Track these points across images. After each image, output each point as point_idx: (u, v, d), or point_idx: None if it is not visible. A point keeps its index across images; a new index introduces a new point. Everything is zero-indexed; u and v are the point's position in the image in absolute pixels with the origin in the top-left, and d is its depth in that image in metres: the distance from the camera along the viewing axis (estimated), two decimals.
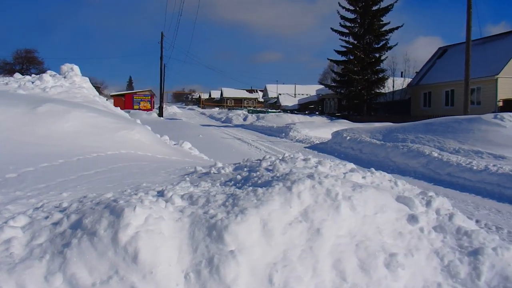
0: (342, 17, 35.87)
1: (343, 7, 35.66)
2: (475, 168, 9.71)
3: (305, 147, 17.87)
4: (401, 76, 39.98)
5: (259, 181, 4.17)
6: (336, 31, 35.99)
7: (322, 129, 23.20)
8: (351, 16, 35.84)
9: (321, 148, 17.14)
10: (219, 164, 5.41)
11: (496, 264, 3.24)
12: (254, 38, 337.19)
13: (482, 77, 27.00)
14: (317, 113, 46.26)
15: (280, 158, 5.35)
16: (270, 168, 4.71)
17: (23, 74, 43.74)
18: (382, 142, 13.98)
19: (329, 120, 30.45)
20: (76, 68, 10.46)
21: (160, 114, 40.38)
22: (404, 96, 35.90)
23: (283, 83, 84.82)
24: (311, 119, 31.45)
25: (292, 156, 5.33)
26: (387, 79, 35.70)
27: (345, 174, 4.63)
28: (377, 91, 35.51)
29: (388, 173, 11.25)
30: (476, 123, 12.15)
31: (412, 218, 3.71)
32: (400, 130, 14.45)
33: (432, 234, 3.58)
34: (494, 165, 9.53)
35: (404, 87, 36.42)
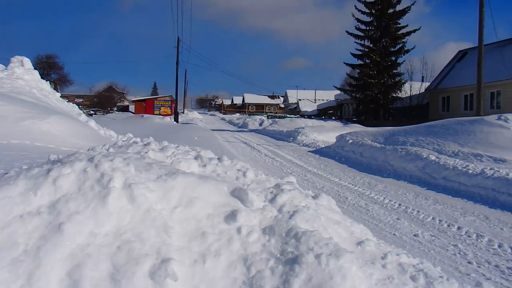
0: (358, 20, 35.20)
1: (359, 10, 34.99)
2: (470, 171, 9.08)
3: (309, 151, 17.39)
4: (422, 81, 38.88)
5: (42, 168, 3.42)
6: (351, 34, 35.33)
7: (331, 133, 22.59)
8: (367, 19, 35.13)
9: (324, 152, 16.61)
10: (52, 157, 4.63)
11: (314, 276, 2.60)
12: (279, 44, 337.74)
13: (503, 80, 25.97)
14: (333, 118, 45.50)
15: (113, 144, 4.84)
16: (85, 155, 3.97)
17: (43, 79, 44.69)
18: (382, 145, 13.38)
19: (343, 125, 29.78)
20: (26, 60, 10.32)
21: (176, 119, 40.30)
22: (421, 100, 34.79)
23: (304, 89, 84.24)
24: (324, 124, 30.83)
25: (133, 141, 4.80)
26: (404, 83, 34.71)
27: (174, 161, 4.07)
28: (394, 95, 34.59)
29: (384, 177, 10.95)
30: (478, 124, 11.43)
31: (232, 215, 3.13)
32: (401, 133, 13.81)
33: (253, 236, 2.99)
34: (491, 169, 8.88)
35: (422, 91, 35.33)
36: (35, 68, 41.73)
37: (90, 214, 2.86)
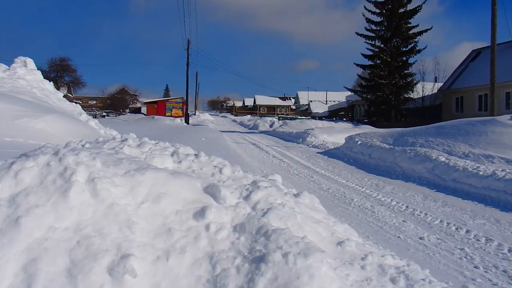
0: (368, 21, 34.81)
1: (369, 10, 34.63)
2: (481, 173, 8.82)
3: (318, 152, 17.20)
4: (434, 81, 38.36)
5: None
6: (361, 35, 34.98)
7: (341, 134, 22.35)
8: (377, 19, 34.73)
9: (333, 153, 16.41)
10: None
11: (280, 275, 2.48)
12: (290, 46, 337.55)
13: None
14: (344, 119, 45.19)
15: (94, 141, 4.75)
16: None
17: (57, 82, 44.96)
18: (391, 146, 13.14)
19: (353, 126, 29.50)
20: (29, 61, 10.29)
21: (186, 121, 40.34)
22: (434, 101, 34.31)
23: (315, 90, 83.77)
24: (334, 125, 30.59)
25: (112, 137, 4.70)
26: (416, 83, 34.23)
27: (148, 157, 3.95)
28: (406, 96, 34.14)
29: (392, 179, 10.73)
30: (490, 125, 11.14)
31: (201, 212, 3.01)
32: (411, 134, 13.55)
33: (222, 233, 2.87)
34: (502, 170, 8.62)
35: (434, 92, 34.83)
36: (49, 71, 42.17)
37: (50, 208, 2.79)
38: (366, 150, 14.22)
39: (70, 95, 63.66)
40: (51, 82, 11.00)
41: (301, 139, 22.39)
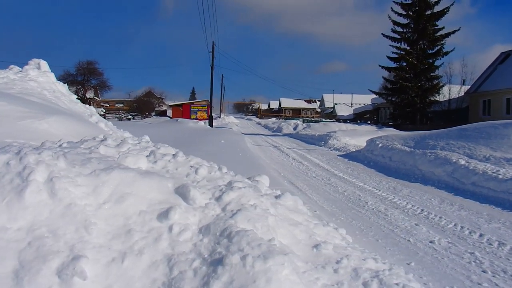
0: (395, 23, 34.44)
1: (396, 12, 34.26)
2: (501, 177, 8.64)
3: (338, 155, 17.10)
4: (463, 84, 37.55)
5: None
6: (387, 37, 34.61)
7: (363, 137, 22.10)
8: (403, 21, 34.34)
9: (353, 156, 16.29)
10: None
11: (236, 279, 2.41)
12: (316, 48, 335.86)
13: None
14: (369, 122, 44.68)
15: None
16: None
17: (84, 85, 45.84)
18: (412, 149, 12.97)
19: (377, 129, 29.18)
20: (43, 63, 10.50)
21: (210, 123, 40.62)
22: (461, 104, 33.57)
23: (341, 93, 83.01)
24: (357, 128, 30.33)
25: (92, 138, 4.72)
26: (442, 86, 33.63)
27: (121, 156, 3.94)
28: (431, 98, 33.58)
29: (411, 182, 10.61)
30: None
31: (165, 213, 2.96)
32: (432, 137, 13.34)
33: (185, 234, 2.82)
34: None
35: (461, 94, 34.10)
36: (76, 74, 42.98)
37: (4, 208, 2.75)
38: (386, 153, 14.08)
39: (97, 98, 64.99)
40: (66, 84, 11.23)
41: (323, 142, 22.31)
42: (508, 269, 4.69)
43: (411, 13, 33.72)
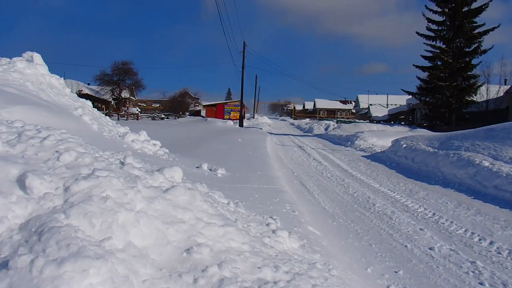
0: (429, 20, 33.17)
1: (430, 10, 32.98)
2: None
3: (362, 156, 16.55)
4: (504, 83, 35.78)
5: None
6: (422, 35, 33.38)
7: (391, 138, 21.27)
8: (439, 18, 33.00)
9: (377, 157, 15.70)
10: None
11: (17, 286, 2.01)
12: (355, 50, 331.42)
13: None
14: (403, 123, 43.32)
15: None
16: None
17: (119, 85, 46.63)
18: (435, 150, 12.30)
19: (409, 130, 28.21)
20: (36, 56, 10.42)
21: (240, 123, 40.45)
22: (499, 105, 31.91)
23: (376, 93, 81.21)
24: (388, 128, 29.45)
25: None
26: (480, 86, 32.07)
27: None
28: (468, 99, 32.09)
29: (430, 184, 10.01)
30: None
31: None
32: (458, 137, 12.61)
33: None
34: None
35: (500, 94, 32.45)
36: (112, 74, 43.77)
37: None
38: (410, 153, 13.45)
39: (133, 98, 66.14)
40: (62, 77, 11.15)
41: (349, 142, 21.73)
42: (509, 282, 4.19)
43: (446, 10, 32.40)
